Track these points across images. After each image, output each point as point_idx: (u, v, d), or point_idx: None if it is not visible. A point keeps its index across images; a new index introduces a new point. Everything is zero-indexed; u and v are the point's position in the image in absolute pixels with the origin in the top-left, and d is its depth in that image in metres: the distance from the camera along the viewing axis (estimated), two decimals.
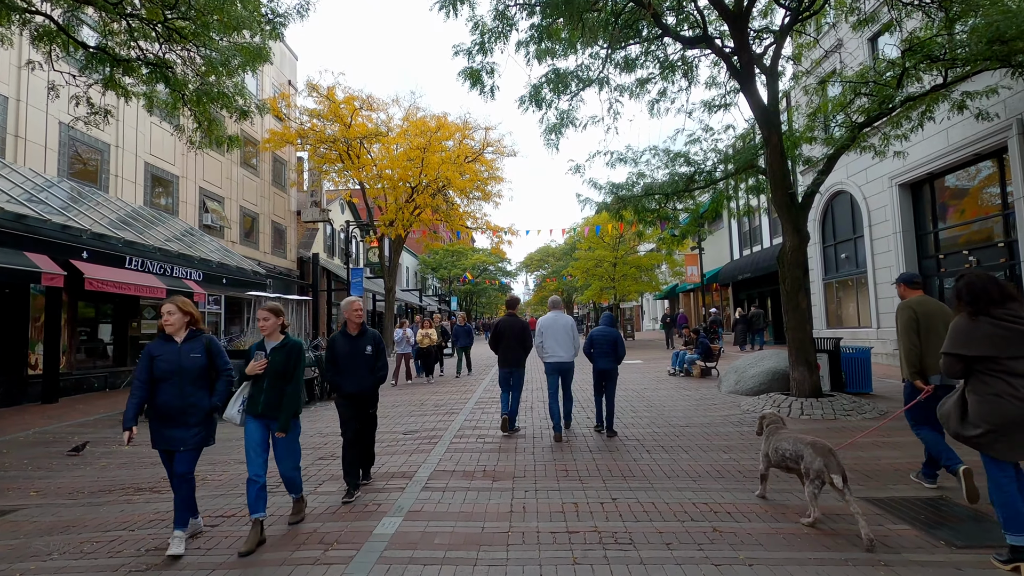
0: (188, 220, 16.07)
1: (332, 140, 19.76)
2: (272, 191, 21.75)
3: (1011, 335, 3.01)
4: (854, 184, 15.30)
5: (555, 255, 43.33)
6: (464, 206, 23.38)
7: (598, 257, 25.25)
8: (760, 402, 8.31)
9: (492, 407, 9.16)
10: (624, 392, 10.61)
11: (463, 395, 10.89)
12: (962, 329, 3.15)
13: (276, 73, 22.08)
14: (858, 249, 15.68)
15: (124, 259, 10.82)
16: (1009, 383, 2.99)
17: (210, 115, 8.28)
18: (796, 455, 3.77)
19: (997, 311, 3.07)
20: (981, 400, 3.07)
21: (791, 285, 8.14)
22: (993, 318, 3.07)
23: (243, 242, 19.33)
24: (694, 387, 11.15)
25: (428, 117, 19.60)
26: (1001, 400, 3.00)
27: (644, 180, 11.89)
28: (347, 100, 19.64)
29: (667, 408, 8.62)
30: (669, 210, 13.05)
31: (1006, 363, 3.02)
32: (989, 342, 3.04)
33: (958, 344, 3.14)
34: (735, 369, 10.69)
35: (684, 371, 13.19)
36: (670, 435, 6.66)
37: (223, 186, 18.16)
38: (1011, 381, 2.99)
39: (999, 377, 3.03)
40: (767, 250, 21.51)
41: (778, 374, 9.62)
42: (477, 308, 57.49)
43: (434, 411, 9.00)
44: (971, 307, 3.14)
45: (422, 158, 18.35)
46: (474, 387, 12.10)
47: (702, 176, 11.86)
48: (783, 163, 7.82)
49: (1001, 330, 3.03)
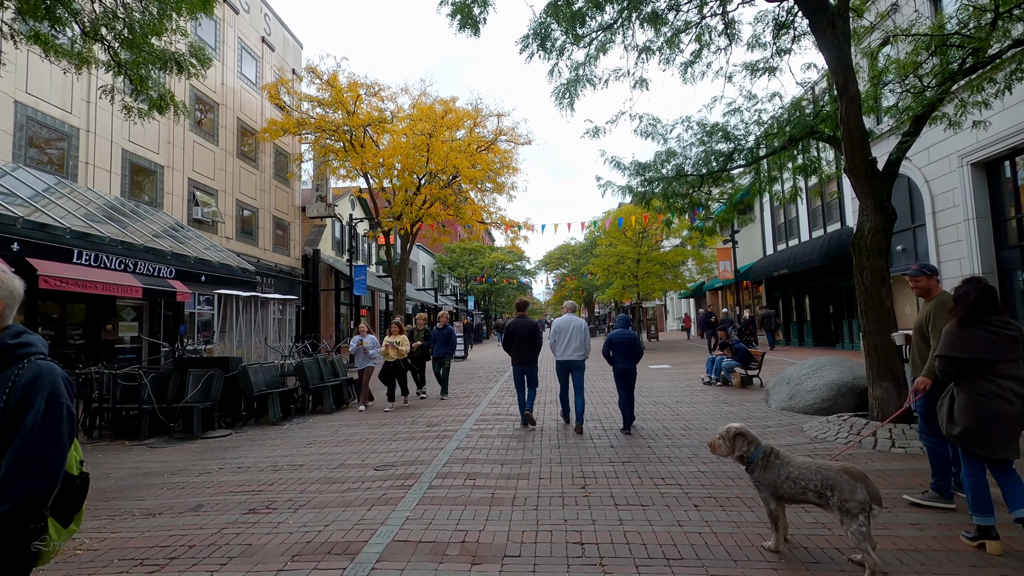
0: (175, 214, 14.89)
1: (334, 129, 18.45)
2: (274, 185, 20.57)
3: (1003, 341, 3.39)
4: (913, 166, 13.34)
5: (575, 252, 41.60)
6: (478, 200, 21.89)
7: (620, 253, 23.51)
8: (829, 427, 6.59)
9: (494, 426, 7.62)
10: (655, 407, 8.97)
11: (463, 409, 9.36)
12: (956, 334, 3.49)
13: (279, 61, 20.90)
14: (918, 240, 13.73)
15: (90, 255, 9.58)
16: (997, 384, 3.36)
17: (138, 66, 6.81)
18: (826, 485, 3.19)
19: (993, 319, 3.43)
20: (969, 399, 3.41)
21: (871, 278, 6.44)
22: (989, 325, 3.42)
23: (240, 238, 18.15)
24: (736, 400, 9.45)
25: (435, 101, 18.11)
26: (988, 400, 3.35)
27: (674, 160, 10.22)
28: (351, 87, 18.30)
29: (709, 431, 6.96)
30: (703, 195, 11.37)
31: (996, 366, 3.38)
32: (984, 346, 3.39)
33: (955, 348, 3.46)
34: (786, 380, 8.96)
35: (721, 379, 11.48)
36: (720, 476, 5.03)
37: (216, 178, 16.98)
38: (999, 382, 3.36)
39: (988, 379, 3.38)
40: (805, 244, 19.54)
41: (843, 388, 7.87)
42: (495, 308, 56.02)
43: (423, 433, 7.48)
44: (974, 314, 3.45)
45: (428, 144, 16.88)
46: (478, 399, 10.57)
47: (742, 154, 10.19)
48: (861, 121, 6.10)
49: (994, 336, 3.40)
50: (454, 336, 10.87)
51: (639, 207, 10.85)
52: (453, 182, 20.85)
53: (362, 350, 9.76)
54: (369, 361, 9.83)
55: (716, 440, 3.76)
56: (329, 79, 18.12)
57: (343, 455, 6.44)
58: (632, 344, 7.23)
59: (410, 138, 17.02)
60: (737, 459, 3.66)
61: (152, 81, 7.01)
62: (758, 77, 9.64)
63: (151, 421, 8.04)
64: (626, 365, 7.16)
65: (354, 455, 6.41)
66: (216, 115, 17.12)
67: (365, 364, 9.86)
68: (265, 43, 19.97)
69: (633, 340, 7.28)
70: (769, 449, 3.62)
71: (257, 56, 19.46)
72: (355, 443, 7.05)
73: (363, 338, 9.84)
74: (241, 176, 18.35)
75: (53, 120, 11.61)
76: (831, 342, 19.54)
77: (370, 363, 9.83)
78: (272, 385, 9.36)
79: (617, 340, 7.24)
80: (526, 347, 7.61)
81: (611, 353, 7.25)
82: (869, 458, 5.47)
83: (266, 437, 7.89)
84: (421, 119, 17.38)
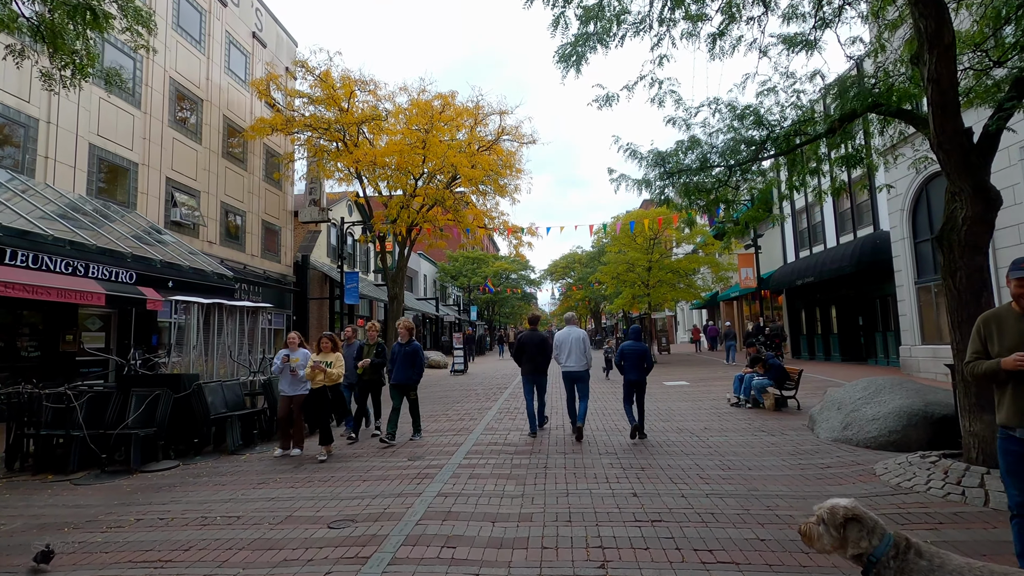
0: (150, 215, 13.75)
1: (326, 127, 17.33)
2: (264, 188, 19.46)
3: None
4: None
5: (581, 261, 40.27)
6: (479, 204, 20.65)
7: (630, 260, 22.17)
8: (912, 470, 5.19)
9: (488, 460, 6.27)
10: (679, 434, 7.59)
11: (454, 437, 8.01)
12: None
13: (271, 58, 19.89)
14: None
15: (27, 256, 8.39)
16: None
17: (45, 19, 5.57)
18: None
19: None
20: None
21: (967, 281, 5.09)
22: None
23: (224, 243, 16.99)
24: (774, 427, 8.04)
25: (433, 97, 16.94)
26: None
27: (698, 149, 8.94)
28: (344, 83, 17.19)
29: (754, 472, 5.59)
30: (728, 191, 10.07)
31: None
32: None
33: None
34: (836, 405, 7.56)
35: (751, 400, 10.08)
36: (788, 546, 3.66)
37: (199, 178, 15.87)
38: None
39: None
40: (832, 250, 18.12)
41: (914, 418, 6.47)
42: (499, 318, 54.63)
43: (401, 470, 6.14)
44: None
45: (424, 140, 15.69)
46: (473, 422, 9.22)
47: (776, 142, 8.91)
48: (956, 79, 4.79)
49: None
50: (420, 356, 7.66)
51: (657, 207, 9.55)
52: (453, 184, 19.66)
53: (287, 369, 7.14)
54: (300, 387, 7.21)
55: (812, 526, 2.39)
56: (321, 75, 17.03)
57: (296, 502, 5.12)
58: (643, 355, 7.50)
59: (405, 135, 15.85)
60: (851, 558, 2.32)
61: (69, 37, 5.80)
62: (796, 53, 8.36)
63: (82, 451, 6.75)
64: (636, 376, 7.44)
65: (309, 502, 5.08)
66: (200, 111, 16.05)
67: (295, 391, 7.17)
68: (256, 39, 18.98)
69: (644, 352, 7.54)
70: (903, 542, 2.26)
71: (247, 52, 18.45)
72: (316, 483, 5.73)
73: (291, 353, 7.22)
74: (227, 177, 17.23)
75: (6, 109, 10.50)
76: (861, 357, 18.05)
77: (302, 389, 7.20)
78: (233, 406, 8.07)
79: (628, 351, 7.54)
80: (536, 359, 7.91)
81: (622, 363, 7.55)
82: (986, 520, 4.08)
83: (215, 472, 6.58)
84: (418, 114, 16.21)
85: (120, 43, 13.14)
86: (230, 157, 17.52)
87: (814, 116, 8.86)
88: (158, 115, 14.21)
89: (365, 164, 15.97)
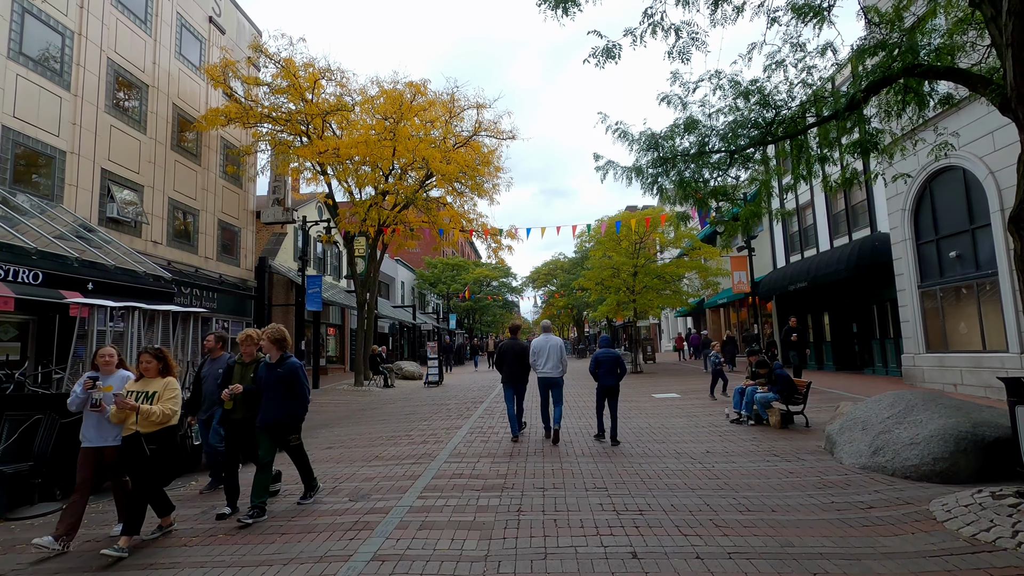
0: (81, 210, 12.23)
1: (286, 119, 15.98)
2: (221, 185, 17.97)
3: None
4: (972, 155, 11.14)
5: (564, 267, 39.23)
6: (457, 204, 19.42)
7: (615, 265, 21.10)
8: (986, 515, 4.06)
9: (448, 502, 5.00)
10: (678, 461, 6.40)
11: (411, 467, 6.71)
12: None
13: (231, 45, 18.45)
14: (979, 244, 11.46)
15: None
16: None
17: None
18: None
19: None
20: None
21: None
22: None
23: (173, 243, 15.47)
24: (786, 449, 6.91)
25: (402, 85, 15.70)
26: None
27: (697, 131, 7.87)
28: (309, 73, 15.87)
29: (774, 511, 4.42)
30: (729, 181, 9.01)
31: None
32: None
33: None
34: (860, 424, 6.47)
35: (754, 416, 8.97)
36: None
37: (143, 171, 14.36)
38: None
39: None
40: (826, 254, 17.30)
41: (963, 442, 5.38)
42: (480, 326, 53.26)
43: (333, 519, 4.84)
44: None
45: (393, 131, 14.43)
46: (440, 445, 7.92)
47: (781, 126, 7.91)
48: None
49: None
50: (301, 382, 4.98)
51: (643, 209, 8.42)
52: (427, 183, 18.42)
53: (91, 404, 4.37)
54: (108, 434, 4.46)
55: None
56: (283, 61, 15.70)
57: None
58: (616, 362, 7.77)
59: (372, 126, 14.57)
60: None
61: None
62: (807, 20, 7.36)
63: None
64: (610, 382, 7.68)
65: None
66: (144, 98, 14.58)
67: (105, 438, 4.46)
68: (213, 24, 17.57)
69: (617, 358, 7.82)
70: None
71: (202, 37, 17.03)
72: (200, 537, 4.39)
73: (103, 378, 4.51)
74: (177, 172, 15.74)
75: None
76: (856, 366, 17.19)
77: (110, 439, 4.47)
78: None
79: (603, 358, 7.78)
80: (517, 367, 8.04)
81: (597, 371, 7.76)
82: None
83: (104, 521, 5.19)
84: (386, 103, 14.95)
85: (46, 16, 11.68)
86: (181, 150, 16.03)
87: (825, 95, 7.87)
88: (92, 99, 12.73)
89: (328, 157, 14.63)
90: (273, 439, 4.97)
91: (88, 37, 12.64)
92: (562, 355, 7.91)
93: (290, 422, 5.06)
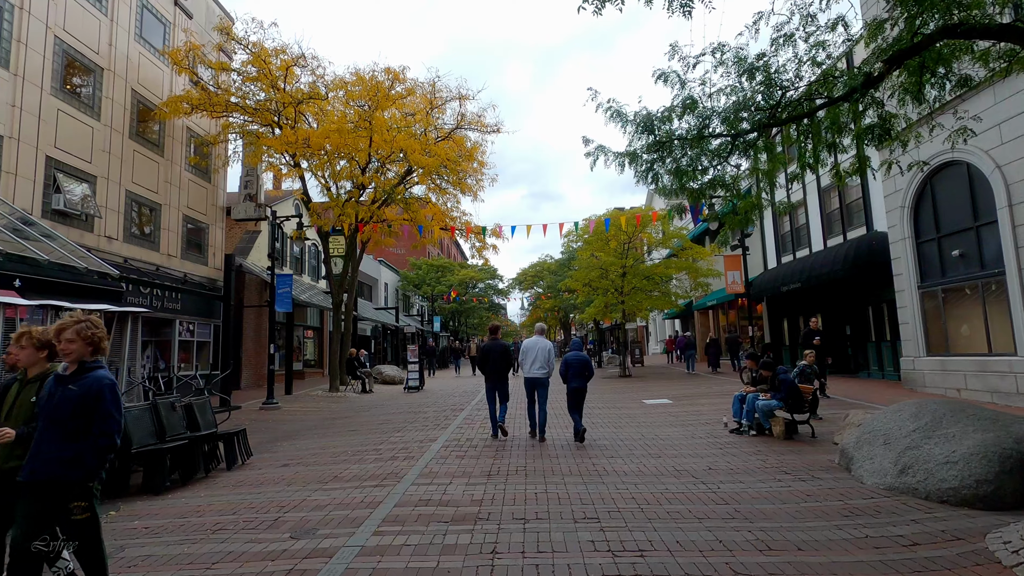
0: (21, 200, 11.15)
1: (254, 109, 15.01)
2: (187, 178, 16.88)
3: None
4: (977, 149, 10.56)
5: (550, 269, 38.49)
6: (440, 202, 18.54)
7: (603, 265, 20.38)
8: None
9: (409, 541, 4.14)
10: (679, 481, 5.61)
11: (371, 491, 5.84)
12: None
13: (199, 30, 17.37)
14: (984, 242, 10.90)
15: None
16: None
17: None
18: None
19: None
20: None
21: None
22: None
23: (130, 240, 14.38)
24: (797, 465, 6.18)
25: (378, 71, 14.78)
26: None
27: (696, 112, 7.14)
28: (280, 59, 14.91)
29: (800, 549, 3.65)
30: (729, 171, 8.30)
31: None
32: None
33: None
34: (882, 438, 5.74)
35: (755, 426, 8.25)
36: None
37: (96, 161, 13.28)
38: None
39: None
40: (820, 254, 16.74)
41: (1009, 460, 4.66)
42: (466, 329, 52.28)
43: (274, 552, 3.96)
44: None
45: (369, 119, 13.52)
46: (405, 468, 7.04)
47: (788, 108, 7.25)
48: None
49: None
50: (104, 408, 2.92)
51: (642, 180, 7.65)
52: (407, 179, 17.54)
53: None
54: None
55: None
56: (251, 44, 14.73)
57: None
58: (585, 365, 7.99)
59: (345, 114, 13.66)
60: None
61: None
62: None
63: None
64: (579, 384, 7.88)
65: None
66: (98, 82, 13.50)
67: None
68: (179, 7, 16.51)
69: (586, 361, 8.06)
70: None
71: (166, 20, 15.97)
72: None
73: None
74: (136, 162, 14.66)
75: None
76: (851, 369, 16.65)
77: None
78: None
79: (572, 361, 7.97)
80: (498, 366, 8.31)
81: (567, 372, 7.95)
82: None
83: None
84: (361, 90, 14.05)
85: None
86: (142, 140, 14.95)
87: (835, 74, 7.20)
88: (36, 80, 11.66)
89: (299, 147, 13.67)
90: (42, 507, 2.83)
91: (31, 12, 11.58)
92: (549, 357, 8.11)
93: (75, 478, 2.85)
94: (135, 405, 6.56)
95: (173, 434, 6.75)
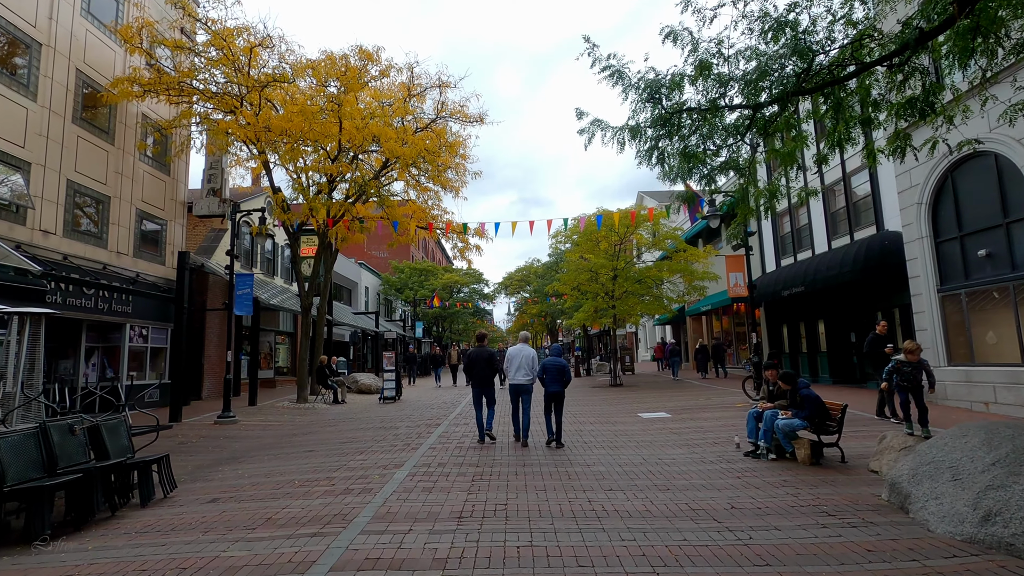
0: None
1: (214, 94, 13.68)
2: (142, 169, 15.47)
3: None
4: (1007, 137, 9.60)
5: (537, 273, 37.32)
6: (420, 200, 17.28)
7: (593, 268, 19.26)
8: None
9: None
10: (697, 523, 4.41)
11: (307, 543, 4.58)
12: None
13: (158, 9, 15.98)
14: (1015, 240, 9.93)
15: None
16: None
17: None
18: None
19: None
20: None
21: None
22: None
23: (71, 235, 12.92)
24: (837, 502, 5.02)
25: (350, 51, 13.49)
26: None
27: (711, 76, 6.02)
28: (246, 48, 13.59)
29: None
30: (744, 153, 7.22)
31: None
32: None
33: None
34: (948, 471, 4.62)
35: (774, 448, 7.11)
36: None
37: (30, 146, 11.86)
38: None
39: None
40: (825, 256, 15.79)
41: None
42: (450, 335, 50.85)
43: None
44: None
45: (339, 101, 12.26)
46: (368, 496, 5.77)
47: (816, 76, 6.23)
48: None
49: None
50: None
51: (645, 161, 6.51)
52: (384, 172, 16.28)
53: None
54: None
55: None
56: (210, 21, 13.42)
57: None
58: (563, 370, 8.19)
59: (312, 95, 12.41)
60: None
61: None
62: None
63: None
64: (556, 389, 8.10)
65: None
66: (35, 59, 12.10)
67: None
68: None
69: (564, 367, 8.24)
70: None
71: None
72: None
73: None
74: (80, 149, 13.23)
75: None
76: (856, 379, 15.67)
77: None
78: None
79: (550, 366, 8.16)
80: (484, 372, 8.50)
81: (544, 377, 8.15)
82: None
83: None
84: (329, 69, 12.79)
85: None
86: (88, 125, 13.54)
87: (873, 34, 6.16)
88: None
89: (259, 132, 12.36)
90: None
91: None
92: (533, 365, 8.30)
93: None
94: (15, 430, 5.21)
95: (68, 464, 5.41)
